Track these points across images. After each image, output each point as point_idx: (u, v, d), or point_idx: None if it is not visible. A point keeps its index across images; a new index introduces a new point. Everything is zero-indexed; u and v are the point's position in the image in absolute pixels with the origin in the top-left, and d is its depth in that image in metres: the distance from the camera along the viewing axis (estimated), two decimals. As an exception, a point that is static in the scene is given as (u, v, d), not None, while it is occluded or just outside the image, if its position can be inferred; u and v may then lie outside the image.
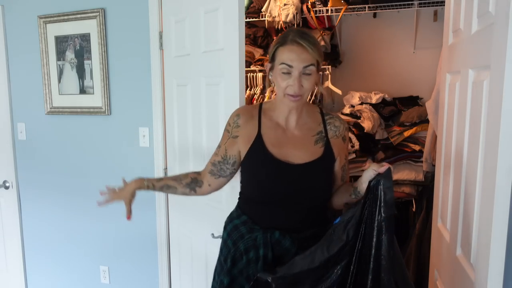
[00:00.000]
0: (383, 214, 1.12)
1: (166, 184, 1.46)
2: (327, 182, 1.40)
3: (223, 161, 1.42)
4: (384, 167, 1.17)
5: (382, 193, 1.13)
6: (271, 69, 1.33)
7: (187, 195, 1.49)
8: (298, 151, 1.35)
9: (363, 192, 1.21)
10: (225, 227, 1.47)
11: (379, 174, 1.17)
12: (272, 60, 1.32)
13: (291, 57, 1.25)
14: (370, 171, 1.20)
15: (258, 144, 1.36)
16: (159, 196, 2.26)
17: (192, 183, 1.46)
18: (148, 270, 2.42)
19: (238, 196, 1.49)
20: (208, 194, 1.50)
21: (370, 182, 1.18)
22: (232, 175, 1.46)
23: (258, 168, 1.36)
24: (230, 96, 1.66)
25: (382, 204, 1.12)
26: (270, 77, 1.35)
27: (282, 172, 1.33)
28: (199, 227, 1.94)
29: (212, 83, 1.77)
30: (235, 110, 1.45)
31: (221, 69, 1.70)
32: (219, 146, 1.45)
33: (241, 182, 1.46)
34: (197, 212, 1.97)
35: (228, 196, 1.71)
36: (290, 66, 1.25)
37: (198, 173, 1.49)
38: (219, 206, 1.77)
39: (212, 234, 1.74)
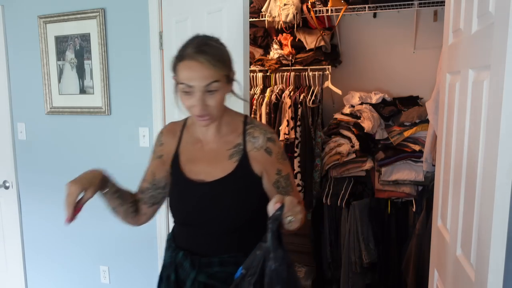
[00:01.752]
0: (272, 267, 0.94)
1: (119, 193, 1.26)
2: (241, 202, 1.21)
3: (152, 187, 1.32)
4: (277, 204, 0.98)
5: (270, 238, 0.96)
6: (176, 84, 1.18)
7: (126, 217, 1.32)
8: (211, 168, 1.22)
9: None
10: None
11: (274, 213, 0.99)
12: (175, 73, 1.16)
13: (189, 75, 1.11)
14: (270, 206, 1.01)
15: (174, 162, 1.27)
16: (159, 196, 2.25)
17: (135, 205, 1.33)
18: (148, 270, 2.42)
19: None
20: (142, 225, 1.37)
21: (268, 220, 1.00)
22: (164, 199, 1.34)
23: (172, 188, 1.28)
24: (234, 97, 1.65)
25: (271, 254, 0.95)
26: (176, 92, 1.19)
27: (190, 192, 1.23)
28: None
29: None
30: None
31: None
32: (146, 170, 1.34)
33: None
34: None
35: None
36: (189, 86, 1.11)
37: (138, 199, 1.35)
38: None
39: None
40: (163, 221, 2.27)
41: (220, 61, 1.13)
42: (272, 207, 1.00)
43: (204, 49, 1.12)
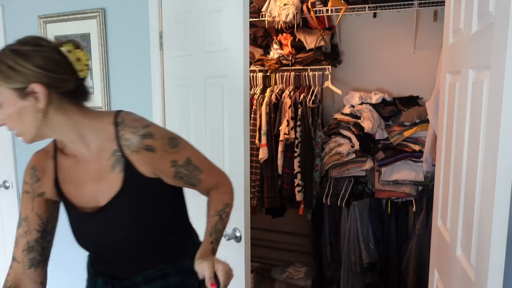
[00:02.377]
0: None
1: None
2: (147, 214, 1.07)
3: (44, 235, 1.12)
4: (212, 286, 0.93)
5: None
6: None
7: None
8: (98, 187, 1.06)
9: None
10: None
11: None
12: None
13: None
14: (200, 269, 0.97)
15: (58, 193, 1.10)
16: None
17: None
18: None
19: None
20: None
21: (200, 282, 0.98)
22: (47, 256, 1.16)
23: (68, 217, 1.14)
24: (234, 97, 1.66)
25: None
26: None
27: (87, 221, 1.09)
28: (201, 226, 1.94)
29: (215, 84, 1.77)
30: (29, 161, 1.14)
31: (224, 69, 1.70)
32: (24, 221, 1.11)
33: None
34: (198, 211, 1.96)
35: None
36: None
37: (13, 276, 1.14)
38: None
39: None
40: (163, 221, 2.27)
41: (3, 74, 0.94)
42: (201, 274, 0.96)
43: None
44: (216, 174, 1.21)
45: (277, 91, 2.93)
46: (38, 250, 1.12)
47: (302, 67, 2.95)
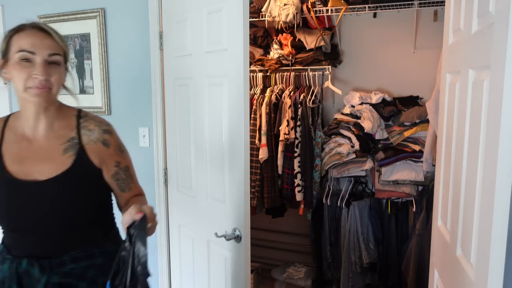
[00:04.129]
0: (137, 275, 0.98)
1: None
2: (85, 197, 1.18)
3: None
4: (138, 214, 1.01)
5: (137, 249, 0.99)
6: (3, 65, 1.12)
7: None
8: (42, 165, 1.15)
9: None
10: None
11: (135, 222, 1.02)
12: (5, 53, 1.11)
13: (32, 41, 1.06)
14: (127, 215, 1.03)
15: None
16: (159, 196, 2.26)
17: None
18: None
19: None
20: None
21: (128, 228, 1.03)
22: None
23: None
24: (234, 96, 1.66)
25: (138, 262, 0.99)
26: (3, 76, 1.14)
27: (22, 192, 1.13)
28: (201, 226, 1.94)
29: (215, 84, 1.77)
30: None
31: (224, 69, 1.70)
32: None
33: None
34: (198, 211, 1.97)
35: (231, 194, 1.71)
36: (31, 52, 1.06)
37: None
38: (222, 204, 1.77)
39: (216, 233, 1.73)
40: (163, 221, 2.27)
41: (62, 38, 1.13)
42: (130, 217, 1.01)
43: (46, 24, 1.13)
44: (140, 187, 1.36)
45: (277, 91, 2.93)
46: None
47: (302, 67, 2.95)
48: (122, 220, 1.06)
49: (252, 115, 2.89)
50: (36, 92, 1.09)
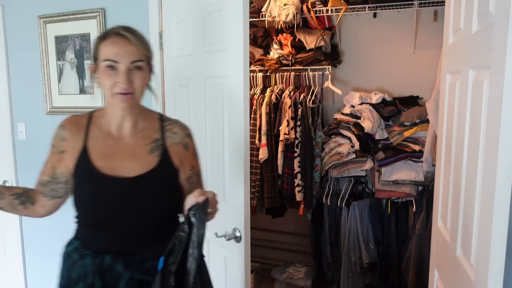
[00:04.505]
0: (194, 254, 1.03)
1: None
2: (165, 196, 1.23)
3: (53, 181, 1.26)
4: (202, 197, 1.05)
5: (195, 230, 1.04)
6: (95, 70, 1.19)
7: (15, 210, 1.27)
8: (129, 162, 1.20)
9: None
10: (61, 256, 1.31)
11: (197, 205, 1.05)
12: (95, 59, 1.17)
13: (115, 50, 1.12)
14: (191, 197, 1.07)
15: (82, 158, 1.20)
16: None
17: (23, 196, 1.27)
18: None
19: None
20: (43, 217, 1.31)
21: (189, 210, 1.07)
22: (68, 194, 1.29)
23: (83, 185, 1.21)
24: (234, 96, 1.66)
25: (194, 243, 1.03)
26: (95, 80, 1.20)
27: (109, 188, 1.18)
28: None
29: (215, 84, 1.77)
30: (61, 121, 1.29)
31: (224, 69, 1.70)
32: (45, 163, 1.28)
33: (73, 203, 1.28)
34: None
35: (231, 193, 1.71)
36: (115, 61, 1.12)
37: (32, 189, 1.30)
38: (222, 204, 1.76)
39: (216, 233, 1.73)
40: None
41: (144, 43, 1.17)
42: (193, 199, 1.06)
43: (129, 29, 1.16)
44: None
45: (277, 91, 2.93)
46: (47, 189, 1.27)
47: (302, 67, 2.95)
48: (185, 202, 1.09)
49: (252, 115, 2.89)
50: (121, 98, 1.15)
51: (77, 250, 1.24)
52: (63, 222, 2.65)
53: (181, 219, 1.22)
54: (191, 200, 1.07)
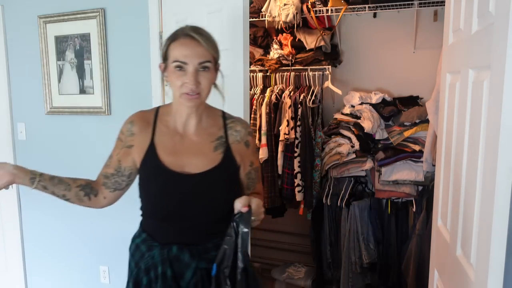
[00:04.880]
0: (240, 265, 1.07)
1: (59, 178, 1.29)
2: (228, 192, 1.27)
3: (117, 174, 1.30)
4: (245, 208, 1.08)
5: (240, 239, 1.08)
6: (165, 69, 1.23)
7: (81, 201, 1.32)
8: (195, 159, 1.25)
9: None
10: (129, 249, 1.35)
11: (241, 214, 1.09)
12: (165, 59, 1.22)
13: (184, 52, 1.16)
14: (237, 203, 1.12)
15: (150, 153, 1.25)
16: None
17: (86, 187, 1.31)
18: (148, 270, 2.42)
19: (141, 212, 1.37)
20: (104, 207, 1.36)
21: (234, 216, 1.11)
22: (128, 186, 1.34)
23: (151, 180, 1.26)
24: (234, 96, 1.66)
25: (240, 248, 1.08)
26: (165, 78, 1.25)
27: (176, 184, 1.23)
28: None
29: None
30: (129, 116, 1.33)
31: (224, 69, 1.69)
32: (111, 157, 1.32)
33: (139, 196, 1.32)
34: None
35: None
36: (183, 62, 1.15)
37: (94, 181, 1.35)
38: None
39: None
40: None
41: (211, 43, 1.19)
42: (239, 206, 1.10)
43: (198, 30, 1.19)
44: (261, 187, 1.45)
45: (277, 91, 2.93)
46: (110, 181, 1.31)
47: (302, 67, 2.95)
48: (234, 204, 1.14)
49: (252, 115, 2.89)
50: (188, 98, 1.19)
51: (145, 242, 1.29)
52: (63, 222, 2.66)
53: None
54: (237, 206, 1.11)
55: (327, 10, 2.79)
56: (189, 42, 1.16)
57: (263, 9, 2.97)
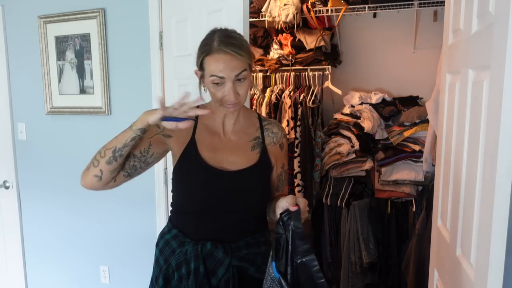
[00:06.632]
0: (297, 261, 1.07)
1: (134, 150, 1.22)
2: (263, 191, 1.31)
3: (140, 157, 1.22)
4: (294, 207, 1.08)
5: (291, 237, 1.08)
6: (202, 77, 1.24)
7: (111, 173, 1.18)
8: (233, 157, 1.27)
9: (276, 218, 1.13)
10: (157, 244, 1.36)
11: (290, 213, 1.08)
12: (201, 68, 1.22)
13: (220, 67, 1.16)
14: (283, 202, 1.09)
15: (191, 149, 1.26)
16: (159, 196, 2.25)
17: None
18: (148, 270, 2.42)
19: (170, 208, 1.38)
20: (104, 190, 1.24)
21: (281, 214, 1.09)
22: (133, 177, 1.25)
23: (190, 175, 1.26)
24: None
25: (291, 247, 1.07)
26: (202, 85, 1.25)
27: (215, 180, 1.24)
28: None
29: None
30: None
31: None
32: (142, 139, 1.23)
33: (172, 191, 1.32)
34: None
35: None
36: (221, 77, 1.16)
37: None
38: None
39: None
40: (163, 221, 2.27)
41: (244, 51, 1.18)
42: (286, 205, 1.09)
43: (229, 41, 1.17)
44: (287, 189, 1.45)
45: (277, 91, 2.93)
46: (129, 163, 1.22)
47: (302, 67, 2.95)
48: (277, 204, 1.12)
49: (252, 115, 2.88)
50: (228, 107, 1.22)
51: (176, 237, 1.30)
52: (63, 222, 2.66)
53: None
54: (283, 204, 1.10)
55: (327, 10, 2.80)
56: (224, 57, 1.16)
57: (263, 9, 2.97)
